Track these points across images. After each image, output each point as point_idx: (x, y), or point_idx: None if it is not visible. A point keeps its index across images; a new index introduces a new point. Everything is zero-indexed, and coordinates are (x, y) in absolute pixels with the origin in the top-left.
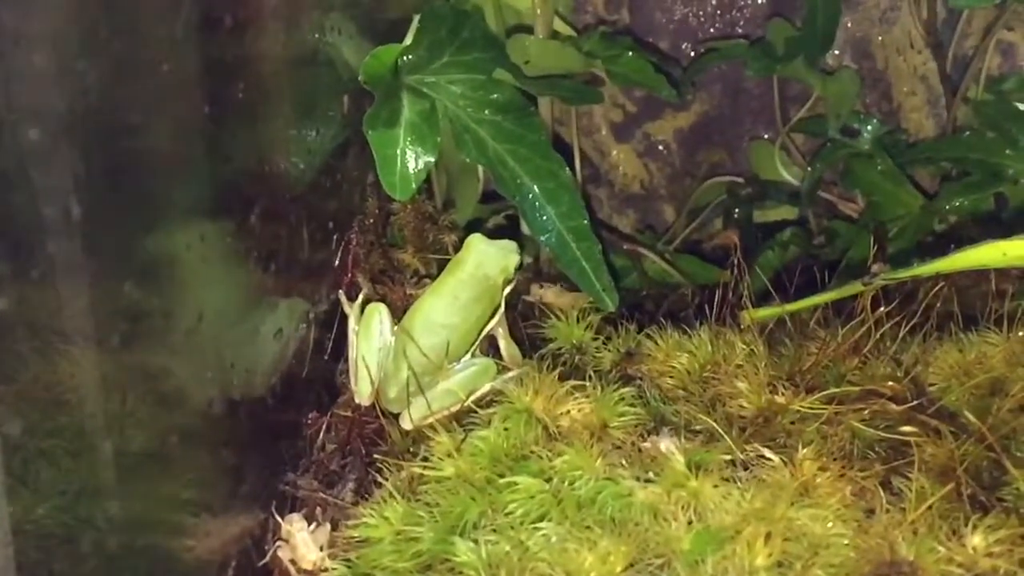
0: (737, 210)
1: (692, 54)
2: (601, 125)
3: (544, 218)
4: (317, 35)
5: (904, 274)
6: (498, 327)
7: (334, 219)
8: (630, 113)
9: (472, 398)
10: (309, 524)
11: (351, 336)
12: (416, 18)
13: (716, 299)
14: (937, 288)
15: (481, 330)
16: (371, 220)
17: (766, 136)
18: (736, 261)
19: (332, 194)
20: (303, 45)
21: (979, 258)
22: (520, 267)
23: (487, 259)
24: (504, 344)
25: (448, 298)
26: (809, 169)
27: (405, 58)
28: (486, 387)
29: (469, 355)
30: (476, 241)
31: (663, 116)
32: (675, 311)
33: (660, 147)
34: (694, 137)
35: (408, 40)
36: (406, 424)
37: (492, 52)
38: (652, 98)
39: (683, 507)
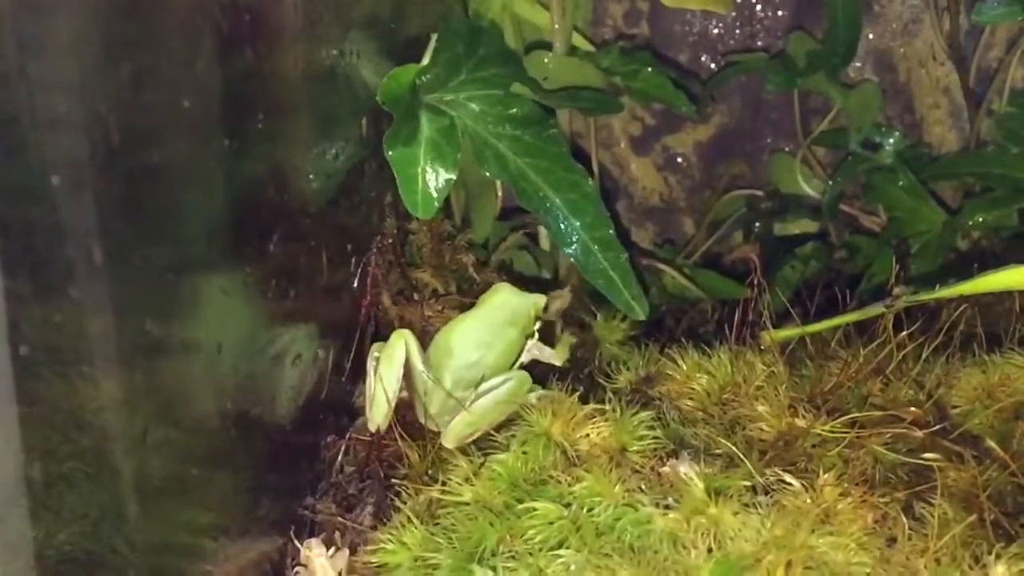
0: (757, 224)
1: (712, 67)
2: (620, 138)
3: (569, 230)
4: (335, 56)
5: (926, 296)
6: (535, 348)
7: (353, 241)
8: (649, 126)
9: (510, 413)
10: (328, 548)
11: (370, 363)
12: (433, 37)
13: (736, 318)
14: (960, 309)
15: (517, 354)
16: (389, 240)
17: (787, 149)
18: (755, 279)
19: (351, 216)
20: (322, 67)
21: (1003, 282)
22: (547, 308)
23: (516, 295)
24: (547, 353)
25: (484, 319)
26: (830, 183)
27: (423, 77)
28: (523, 401)
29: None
30: (503, 287)
31: (682, 129)
32: (695, 327)
33: (679, 160)
34: (714, 150)
35: (426, 60)
36: (448, 443)
37: (510, 68)
38: (671, 111)
39: (703, 534)
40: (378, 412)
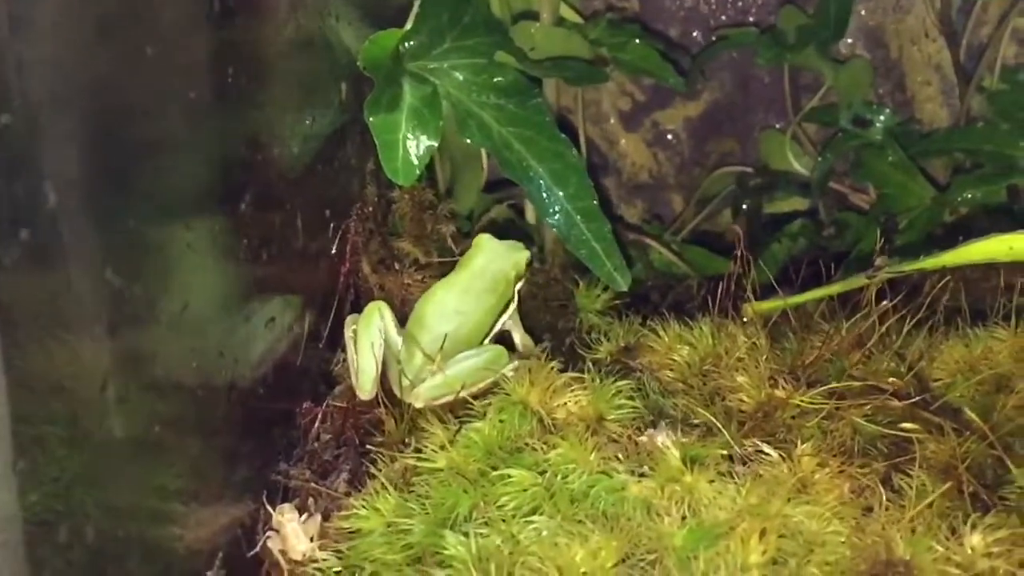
0: (746, 201)
1: (703, 42)
2: (610, 114)
3: (552, 200)
4: (313, 18)
5: (908, 267)
6: (511, 320)
7: (331, 207)
8: (639, 102)
9: (484, 384)
10: (301, 514)
11: (347, 334)
12: (416, 3)
13: (720, 291)
14: (943, 282)
15: (494, 323)
16: (370, 208)
17: (778, 126)
18: (740, 253)
19: (328, 182)
20: (299, 30)
21: (985, 252)
22: (531, 263)
23: (497, 256)
24: (518, 336)
25: (461, 288)
26: (820, 159)
27: (406, 44)
28: (498, 373)
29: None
30: (484, 240)
31: (672, 105)
32: (681, 302)
33: (669, 136)
34: (704, 126)
35: (408, 25)
36: (416, 402)
37: (495, 37)
38: (661, 87)
39: (677, 502)
40: (365, 380)
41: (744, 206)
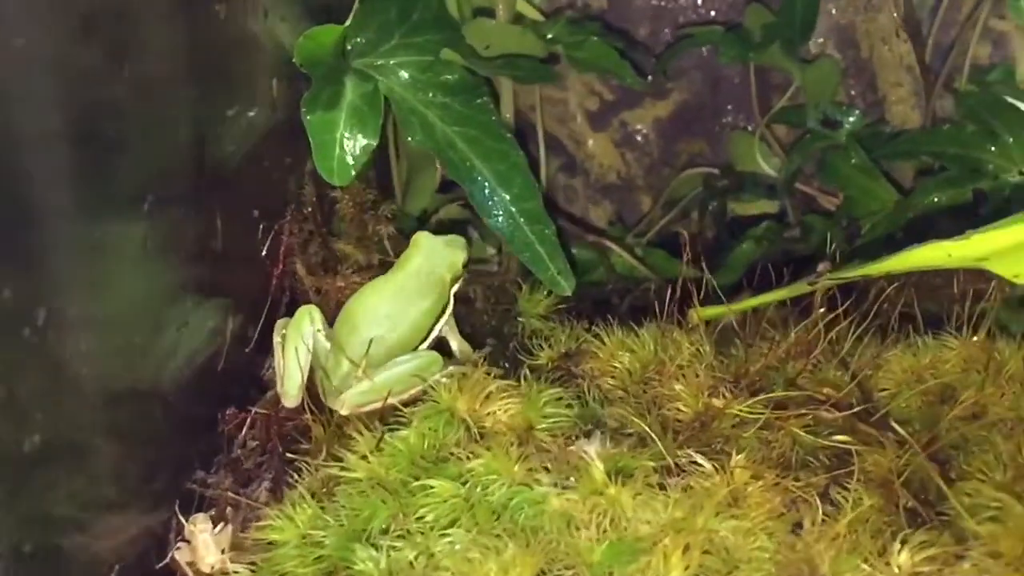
0: (713, 203)
1: (673, 41)
2: (576, 113)
3: (496, 202)
4: (239, 12)
5: (851, 273)
6: (447, 324)
7: (260, 207)
8: (607, 101)
9: (414, 391)
10: (216, 525)
11: (276, 338)
12: None
13: (667, 296)
14: (893, 287)
15: (431, 327)
16: (309, 209)
17: (749, 127)
18: (688, 255)
19: (255, 181)
20: (220, 22)
21: (924, 259)
22: (468, 263)
23: (434, 255)
24: (455, 341)
25: (393, 290)
26: (786, 161)
27: (355, 41)
28: (430, 380)
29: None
30: (422, 238)
31: (641, 105)
32: (638, 307)
33: (638, 136)
34: (673, 126)
35: (349, 20)
36: (342, 409)
37: (445, 34)
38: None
39: (598, 516)
40: (291, 386)
41: (709, 208)
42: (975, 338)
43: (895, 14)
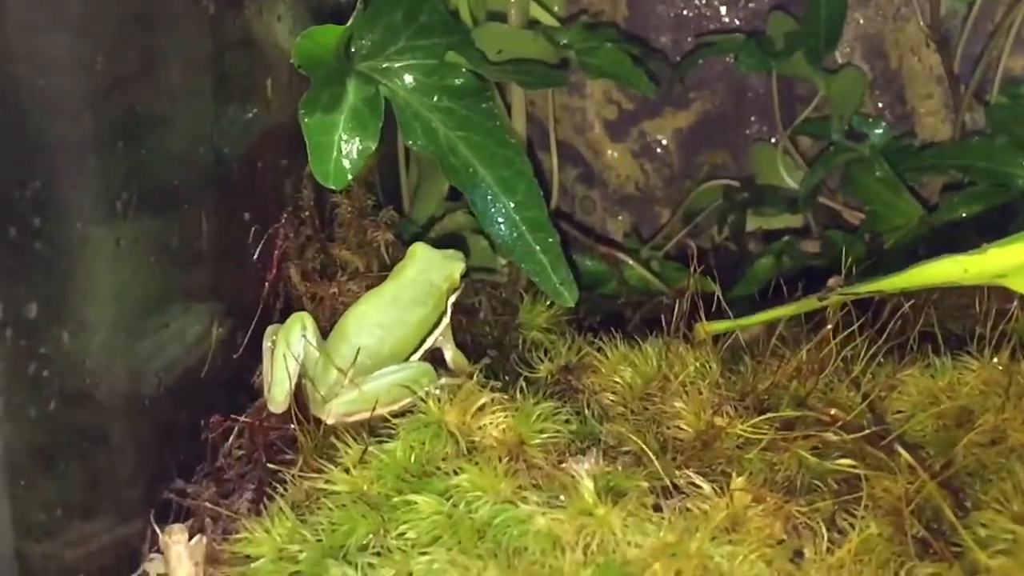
0: (732, 216)
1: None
2: (595, 123)
3: (499, 208)
4: (232, 11)
5: (862, 289)
6: (443, 335)
7: (251, 210)
8: (626, 111)
9: (404, 402)
10: (193, 536)
11: (266, 345)
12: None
13: (675, 310)
14: (909, 305)
15: (424, 337)
16: (306, 213)
17: (773, 139)
18: (693, 268)
19: (246, 184)
20: (208, 21)
21: (939, 274)
22: (466, 275)
23: (431, 266)
24: (450, 352)
25: (387, 299)
26: (808, 174)
27: (360, 43)
28: (421, 392)
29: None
30: (418, 249)
31: (661, 115)
32: (651, 320)
33: (657, 147)
34: (694, 137)
35: (351, 21)
36: (328, 418)
37: (453, 38)
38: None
39: (586, 537)
40: (278, 393)
41: (729, 220)
42: (996, 360)
43: (920, 21)
